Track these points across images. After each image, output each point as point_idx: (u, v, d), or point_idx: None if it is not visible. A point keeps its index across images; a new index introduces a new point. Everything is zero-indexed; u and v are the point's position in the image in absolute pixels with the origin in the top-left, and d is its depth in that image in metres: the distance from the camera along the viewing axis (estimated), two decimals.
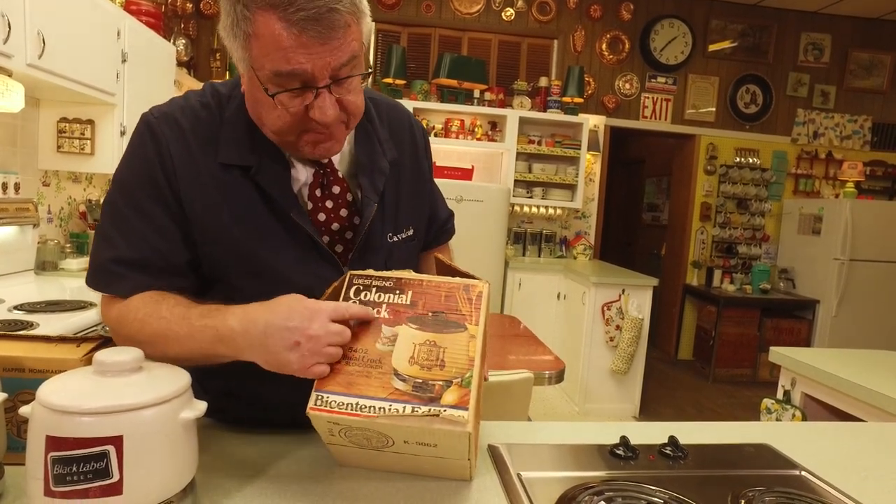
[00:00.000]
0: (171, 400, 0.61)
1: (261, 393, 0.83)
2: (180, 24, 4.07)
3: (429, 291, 0.72)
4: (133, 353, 0.63)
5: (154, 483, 0.60)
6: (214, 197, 0.77)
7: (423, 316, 0.70)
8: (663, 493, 0.74)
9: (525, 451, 0.86)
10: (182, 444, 0.63)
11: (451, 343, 0.68)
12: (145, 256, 0.76)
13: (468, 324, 0.69)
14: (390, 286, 0.72)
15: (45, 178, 2.55)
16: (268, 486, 0.73)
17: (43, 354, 0.74)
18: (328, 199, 0.83)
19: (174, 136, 0.76)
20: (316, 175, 0.83)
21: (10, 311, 1.76)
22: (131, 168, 0.78)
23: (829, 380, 1.72)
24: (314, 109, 0.71)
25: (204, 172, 0.77)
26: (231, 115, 0.79)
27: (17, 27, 1.76)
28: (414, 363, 0.67)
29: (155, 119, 0.78)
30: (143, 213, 0.76)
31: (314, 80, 0.69)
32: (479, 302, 0.70)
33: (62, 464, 0.55)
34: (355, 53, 0.71)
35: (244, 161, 0.77)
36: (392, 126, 0.93)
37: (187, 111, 0.79)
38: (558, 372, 1.97)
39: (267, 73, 0.69)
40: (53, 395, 0.57)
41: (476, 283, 0.72)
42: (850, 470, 0.90)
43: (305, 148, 0.77)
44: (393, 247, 0.89)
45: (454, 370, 0.66)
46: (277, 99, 0.70)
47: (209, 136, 0.78)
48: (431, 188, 1.03)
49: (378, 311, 0.71)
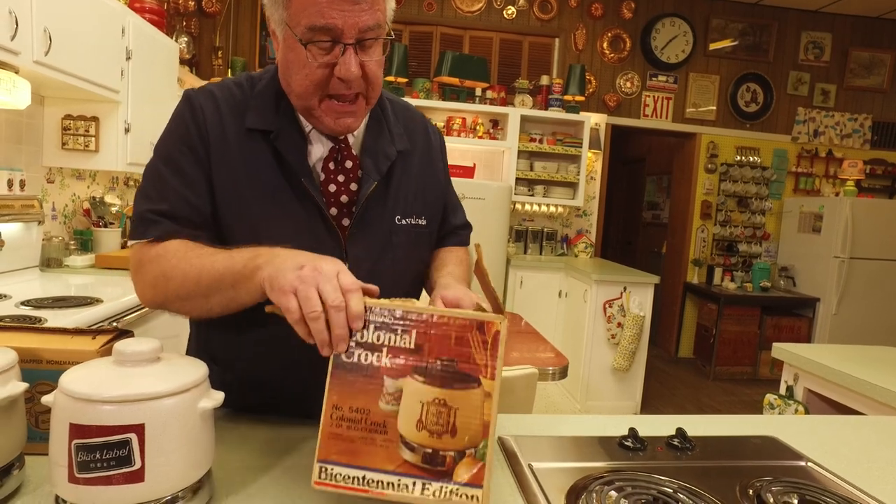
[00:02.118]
0: (191, 389, 0.62)
1: (270, 381, 0.89)
2: (182, 22, 4.08)
3: (436, 331, 0.62)
4: (152, 344, 0.64)
5: (174, 471, 0.61)
6: (237, 159, 0.84)
7: (430, 366, 0.62)
8: (672, 482, 0.75)
9: (535, 443, 0.87)
10: (200, 434, 0.64)
11: (464, 403, 0.61)
12: (177, 207, 0.82)
13: (483, 377, 0.61)
14: (390, 323, 0.63)
15: (49, 175, 2.55)
16: (282, 476, 0.74)
17: (60, 346, 0.74)
18: (340, 174, 0.89)
19: (208, 103, 0.86)
20: (332, 150, 0.88)
21: (17, 306, 1.76)
22: (169, 133, 0.87)
23: (831, 375, 1.73)
24: (339, 66, 0.78)
25: (231, 137, 0.85)
26: (260, 90, 0.88)
27: (24, 24, 1.77)
28: (422, 428, 0.61)
29: (193, 92, 0.88)
30: (177, 169, 0.84)
31: (342, 35, 0.77)
32: (496, 347, 0.62)
33: (86, 451, 0.56)
34: (380, 23, 0.79)
35: (267, 126, 0.85)
36: (406, 123, 0.98)
37: (222, 87, 0.89)
38: (562, 368, 1.98)
39: (302, 28, 0.77)
40: (76, 384, 0.58)
41: (493, 320, 0.62)
42: (854, 461, 0.92)
43: (326, 118, 0.83)
44: (399, 229, 0.93)
45: (466, 438, 0.60)
46: (308, 50, 0.77)
47: (239, 107, 0.86)
48: (448, 190, 1.07)
49: (378, 357, 0.63)
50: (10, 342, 0.72)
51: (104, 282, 2.30)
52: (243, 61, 4.30)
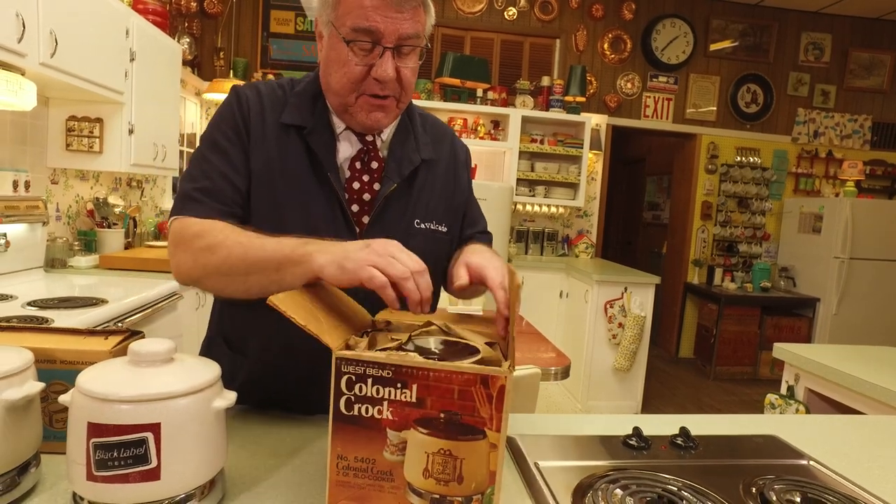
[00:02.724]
0: (205, 389, 0.63)
1: (280, 366, 0.93)
2: (184, 23, 4.09)
3: (437, 384, 0.60)
4: (166, 345, 0.65)
5: (189, 470, 0.62)
6: (272, 149, 0.91)
7: (433, 418, 0.60)
8: (677, 481, 0.77)
9: (540, 442, 0.88)
10: (214, 433, 0.65)
11: (469, 453, 0.60)
12: (219, 185, 0.88)
13: (488, 429, 0.60)
14: (389, 376, 0.60)
15: (53, 176, 2.57)
16: (293, 475, 0.75)
17: (73, 346, 0.75)
18: (365, 173, 0.94)
19: (253, 96, 0.93)
20: (359, 151, 0.94)
21: (23, 307, 1.78)
22: (216, 121, 0.94)
23: (831, 375, 1.74)
24: (377, 67, 0.85)
25: (269, 129, 0.91)
26: (299, 91, 0.95)
27: (30, 27, 1.78)
28: (429, 476, 0.60)
29: (240, 87, 0.96)
30: (220, 151, 0.90)
31: (383, 38, 0.83)
32: (501, 402, 0.59)
33: (104, 449, 0.57)
34: (419, 34, 0.86)
35: (302, 122, 0.92)
36: (434, 135, 1.04)
37: (267, 85, 0.97)
38: (564, 368, 1.99)
39: (347, 28, 0.83)
40: (94, 384, 0.59)
41: (497, 374, 0.59)
42: (855, 459, 0.93)
43: (360, 113, 0.89)
44: (417, 232, 0.97)
45: (473, 485, 0.60)
46: (350, 48, 0.84)
47: (279, 104, 0.94)
48: (470, 200, 1.11)
49: (379, 409, 0.61)
50: (25, 342, 0.73)
51: (108, 282, 2.31)
52: (245, 62, 4.31)
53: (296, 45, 4.50)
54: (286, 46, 4.49)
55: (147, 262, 2.58)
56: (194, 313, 2.76)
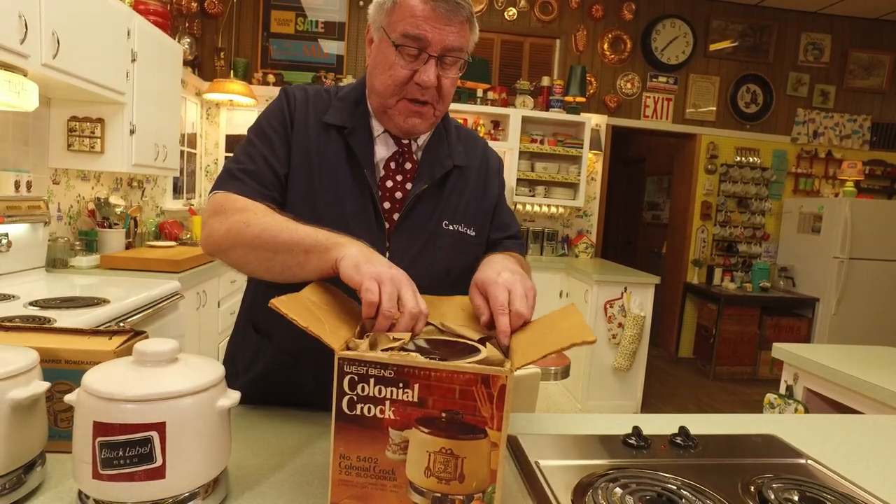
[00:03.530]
0: (209, 389, 0.64)
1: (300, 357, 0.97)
2: (185, 24, 4.09)
3: (439, 384, 0.60)
4: (171, 344, 0.66)
5: (193, 468, 0.63)
6: (312, 145, 0.97)
7: (435, 418, 0.61)
8: (676, 480, 0.77)
9: (540, 441, 0.89)
10: (218, 432, 0.65)
11: (471, 452, 0.61)
12: (261, 168, 0.94)
13: (489, 428, 0.60)
14: (391, 376, 0.61)
15: (55, 177, 2.57)
16: (296, 473, 0.76)
17: (78, 346, 0.76)
18: (398, 174, 1.00)
19: (300, 95, 1.01)
20: (395, 153, 1.00)
21: (25, 307, 1.78)
22: (265, 114, 1.01)
23: (830, 375, 1.75)
24: (420, 72, 0.90)
25: (311, 127, 0.98)
26: (342, 96, 1.02)
27: (32, 28, 1.79)
28: (431, 475, 0.61)
29: (290, 87, 1.04)
30: (266, 138, 0.97)
31: (429, 46, 0.89)
32: (502, 401, 0.60)
33: (109, 448, 0.58)
34: (463, 47, 0.91)
35: (343, 122, 0.98)
36: (467, 144, 1.10)
37: (314, 88, 1.05)
38: (564, 368, 2.00)
39: (397, 34, 0.89)
40: (99, 383, 0.60)
41: (498, 373, 0.60)
42: (854, 459, 0.93)
43: (398, 117, 0.95)
44: (445, 233, 1.01)
45: (475, 483, 0.61)
46: (398, 52, 0.89)
47: (323, 106, 1.01)
48: (500, 205, 1.13)
49: (381, 409, 0.62)
50: (29, 342, 0.74)
51: (109, 282, 2.32)
52: (245, 62, 4.32)
53: (296, 45, 4.50)
54: (286, 47, 4.50)
55: (148, 261, 2.58)
56: (196, 313, 2.76)
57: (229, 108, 4.37)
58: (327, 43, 4.52)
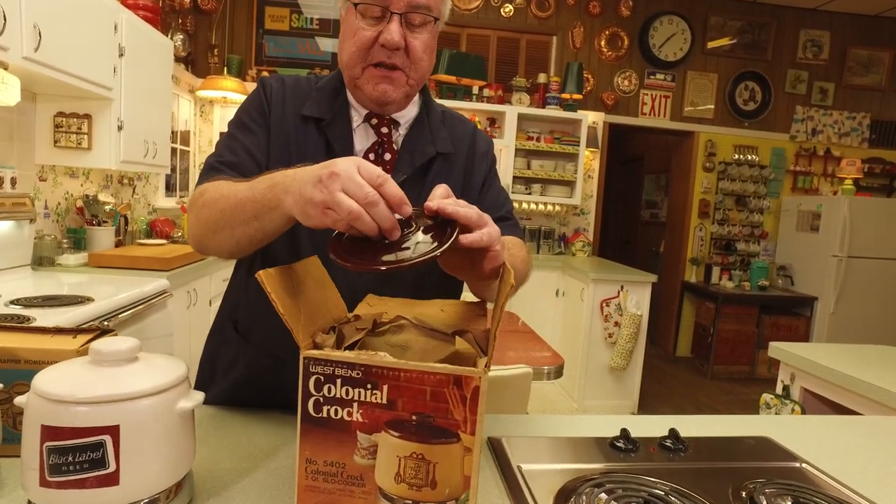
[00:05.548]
0: (169, 390, 0.61)
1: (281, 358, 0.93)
2: (178, 20, 4.05)
3: (409, 385, 0.57)
4: (129, 343, 0.62)
5: (151, 474, 0.59)
6: (291, 136, 0.95)
7: (405, 421, 0.58)
8: (664, 485, 0.74)
9: (525, 444, 0.85)
10: (179, 435, 0.62)
11: (443, 457, 0.58)
12: (242, 158, 0.92)
13: (462, 432, 0.57)
14: (359, 377, 0.58)
15: (41, 173, 2.53)
16: (266, 478, 0.73)
17: (39, 345, 0.73)
18: (378, 165, 0.92)
19: (277, 86, 0.98)
20: (374, 143, 0.97)
21: (6, 305, 1.75)
22: (244, 106, 0.99)
23: (828, 374, 1.72)
24: (384, 32, 0.86)
25: (289, 117, 0.95)
26: (321, 86, 0.99)
27: (12, 20, 1.75)
28: (401, 481, 0.58)
29: (267, 77, 1.01)
30: (245, 129, 0.95)
31: (391, 3, 0.85)
32: (476, 403, 0.57)
33: (58, 454, 0.55)
34: (430, 6, 0.87)
35: (321, 115, 0.95)
36: (453, 130, 1.05)
37: (293, 77, 1.01)
38: (557, 367, 1.97)
39: None
40: (49, 385, 0.56)
41: (471, 374, 0.57)
42: (850, 462, 0.90)
43: (367, 85, 0.90)
44: None
45: (447, 490, 0.58)
46: (358, 12, 0.86)
47: (302, 96, 0.98)
48: (489, 185, 1.08)
49: (349, 411, 0.59)
50: None
51: (97, 280, 2.28)
52: (239, 59, 4.28)
53: (290, 41, 4.47)
54: (281, 43, 4.46)
55: (137, 259, 2.55)
56: (185, 311, 2.73)
57: (223, 106, 4.33)
58: (322, 40, 4.48)
